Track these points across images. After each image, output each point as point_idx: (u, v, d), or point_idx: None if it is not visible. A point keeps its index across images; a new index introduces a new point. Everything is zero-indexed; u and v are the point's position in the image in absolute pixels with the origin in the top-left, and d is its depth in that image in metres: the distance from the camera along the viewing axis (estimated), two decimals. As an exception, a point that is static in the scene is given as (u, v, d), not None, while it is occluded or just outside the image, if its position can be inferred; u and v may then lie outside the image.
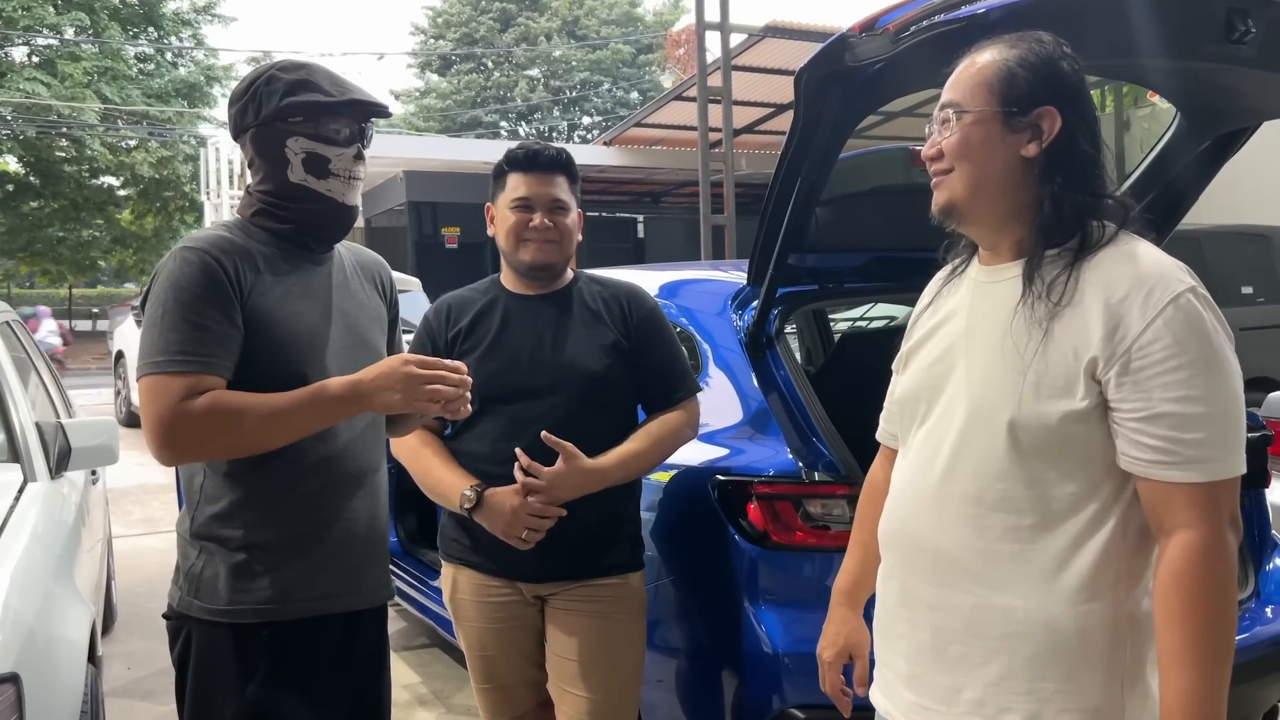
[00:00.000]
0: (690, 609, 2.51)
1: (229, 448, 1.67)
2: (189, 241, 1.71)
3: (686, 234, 14.59)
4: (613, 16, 33.46)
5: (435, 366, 1.71)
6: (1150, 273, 1.34)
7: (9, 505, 2.55)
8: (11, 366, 3.17)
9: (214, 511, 1.73)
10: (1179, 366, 1.29)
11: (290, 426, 1.67)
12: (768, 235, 2.52)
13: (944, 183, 1.47)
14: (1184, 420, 1.29)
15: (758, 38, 10.13)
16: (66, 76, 20.78)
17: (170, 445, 1.63)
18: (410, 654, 4.49)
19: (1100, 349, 1.32)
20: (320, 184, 1.77)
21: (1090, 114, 1.44)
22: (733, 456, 2.51)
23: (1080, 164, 1.41)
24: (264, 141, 1.77)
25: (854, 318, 5.28)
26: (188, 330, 1.63)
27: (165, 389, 1.61)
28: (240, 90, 1.79)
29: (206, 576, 1.72)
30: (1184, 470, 1.29)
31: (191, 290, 1.65)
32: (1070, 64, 1.44)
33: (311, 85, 1.75)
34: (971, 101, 1.44)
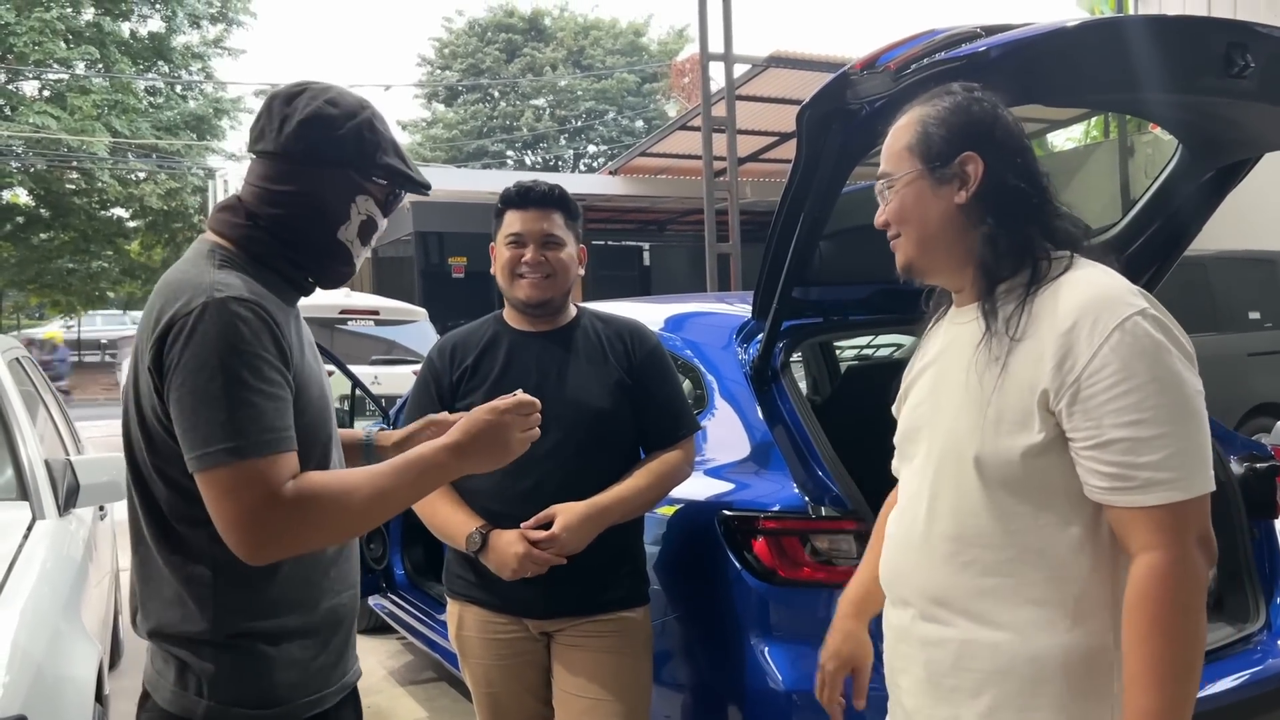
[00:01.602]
0: (697, 645, 2.50)
1: (329, 538, 1.46)
2: (227, 290, 1.41)
3: (692, 262, 14.64)
4: (618, 46, 33.71)
5: (527, 409, 1.56)
6: (1097, 299, 1.35)
7: (17, 544, 2.56)
8: (20, 403, 3.18)
9: (239, 607, 1.47)
10: (1128, 391, 1.30)
11: (391, 506, 1.47)
12: (772, 269, 2.53)
13: (898, 246, 1.55)
14: (1136, 445, 1.29)
15: (761, 68, 10.20)
16: (76, 110, 20.96)
17: (264, 544, 1.37)
18: (417, 688, 4.46)
19: (1050, 380, 1.35)
20: (358, 248, 1.59)
21: (1014, 147, 1.47)
22: (738, 491, 2.51)
23: (1011, 199, 1.44)
24: (335, 186, 1.53)
25: (860, 345, 5.28)
26: (261, 402, 1.37)
27: (250, 479, 1.34)
28: (330, 118, 1.52)
29: (242, 679, 1.48)
30: (1142, 494, 1.29)
31: (255, 353, 1.38)
32: (981, 106, 1.48)
33: (399, 151, 1.60)
34: (898, 168, 1.52)
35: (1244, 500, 2.84)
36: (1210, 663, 2.60)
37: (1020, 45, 1.94)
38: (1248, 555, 2.81)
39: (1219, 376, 7.41)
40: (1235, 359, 7.50)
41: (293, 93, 1.54)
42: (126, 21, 23.92)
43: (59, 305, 28.80)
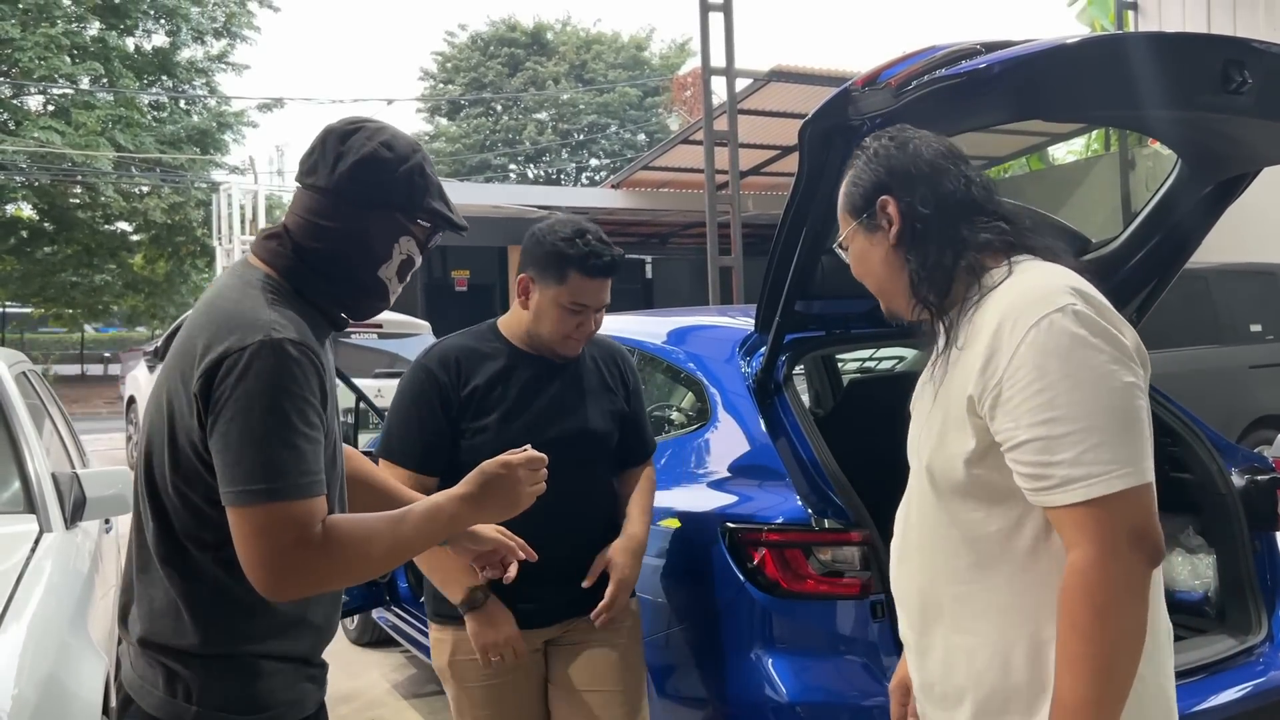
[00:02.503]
0: (701, 657, 2.51)
1: (349, 580, 1.50)
2: (284, 331, 1.43)
3: (694, 274, 14.66)
4: (620, 60, 33.82)
5: (537, 464, 1.59)
6: (1020, 301, 1.38)
7: (25, 557, 2.57)
8: (28, 417, 3.20)
9: (225, 627, 1.50)
10: (1041, 390, 1.30)
11: (407, 552, 1.53)
12: (774, 283, 2.55)
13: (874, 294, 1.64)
14: (1050, 443, 1.30)
15: (763, 82, 10.23)
16: (81, 125, 21.04)
17: (290, 583, 1.40)
18: (421, 700, 4.47)
19: (975, 385, 1.38)
20: (396, 286, 1.62)
21: (921, 175, 1.52)
22: (742, 503, 2.52)
23: (928, 227, 1.50)
24: (381, 227, 1.56)
25: (862, 359, 5.29)
26: (304, 445, 1.40)
27: (283, 519, 1.37)
28: (389, 163, 1.55)
29: (230, 687, 1.51)
30: (1060, 493, 1.30)
31: (302, 396, 1.41)
32: (889, 149, 1.56)
33: (444, 195, 1.63)
34: (843, 230, 1.63)
35: (1245, 512, 2.85)
36: (1212, 675, 2.61)
37: (1021, 62, 1.96)
38: (1249, 567, 2.82)
39: (1221, 389, 7.45)
40: (1237, 371, 7.50)
41: (349, 130, 1.56)
42: (131, 36, 24.03)
43: (62, 319, 28.86)
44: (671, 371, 3.22)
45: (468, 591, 2.17)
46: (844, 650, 2.35)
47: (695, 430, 2.87)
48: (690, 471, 2.81)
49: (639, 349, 3.30)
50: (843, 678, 2.33)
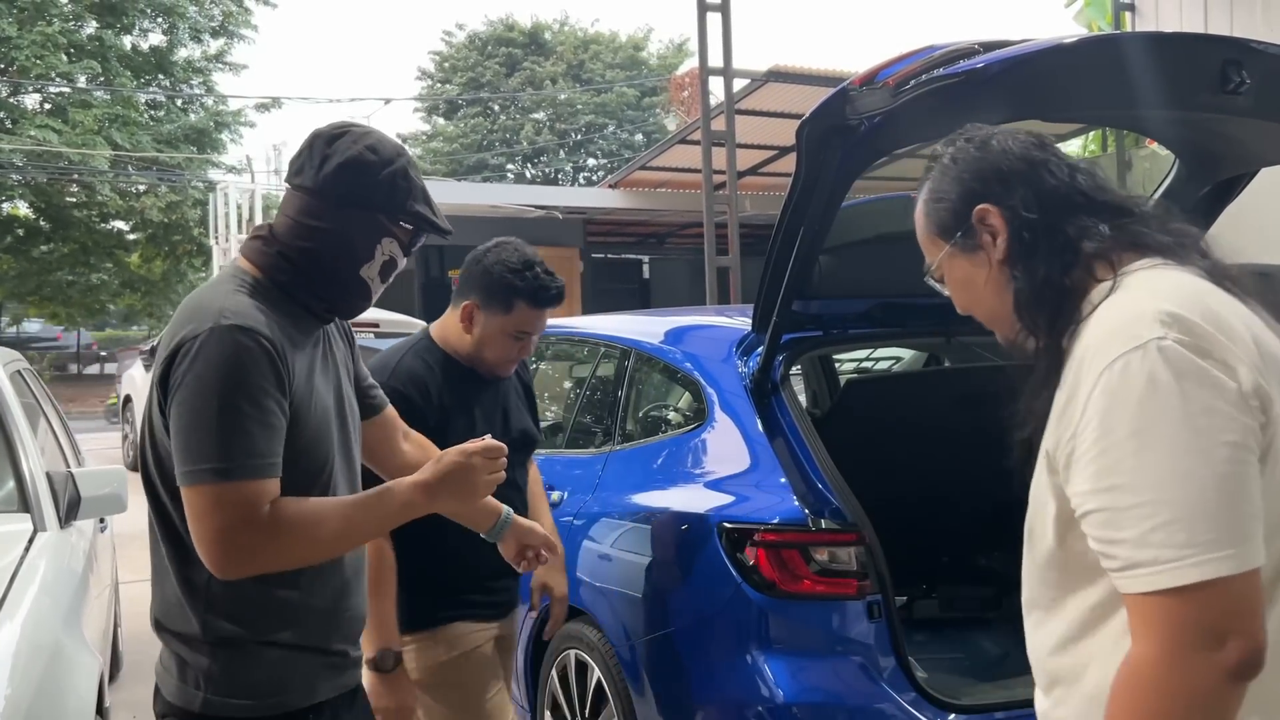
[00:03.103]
0: (697, 658, 2.51)
1: (297, 561, 1.53)
2: (235, 318, 1.49)
3: (691, 275, 14.65)
4: (617, 60, 33.80)
5: (495, 453, 1.62)
6: (1102, 332, 1.15)
7: (19, 556, 2.56)
8: (22, 416, 3.19)
9: (231, 614, 1.55)
10: (1106, 449, 1.08)
11: (359, 535, 1.59)
12: (771, 282, 2.54)
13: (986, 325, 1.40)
14: (1113, 516, 1.07)
15: (760, 82, 10.23)
16: (78, 123, 21.00)
17: (236, 562, 1.45)
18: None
19: (1050, 438, 1.18)
20: (379, 285, 1.67)
21: (1016, 168, 1.29)
22: (738, 504, 2.52)
23: (1037, 234, 1.26)
24: (365, 228, 1.61)
25: (859, 359, 5.29)
26: (252, 428, 1.45)
27: (231, 500, 1.43)
28: (373, 166, 1.60)
29: (236, 672, 1.56)
30: (1123, 578, 1.07)
31: (253, 380, 1.46)
32: (964, 147, 1.35)
33: (428, 198, 1.67)
34: (933, 255, 1.39)
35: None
36: None
37: (1018, 61, 1.96)
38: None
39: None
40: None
41: (335, 134, 1.62)
42: (128, 36, 23.98)
43: (58, 317, 28.83)
44: (668, 371, 3.21)
45: (380, 651, 2.16)
46: (841, 651, 2.34)
47: (692, 430, 2.87)
48: (687, 471, 2.81)
49: (636, 348, 3.29)
50: (839, 678, 2.33)
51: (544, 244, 16.04)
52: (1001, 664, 2.96)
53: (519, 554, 2.02)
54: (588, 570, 2.90)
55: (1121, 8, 8.02)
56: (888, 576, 2.36)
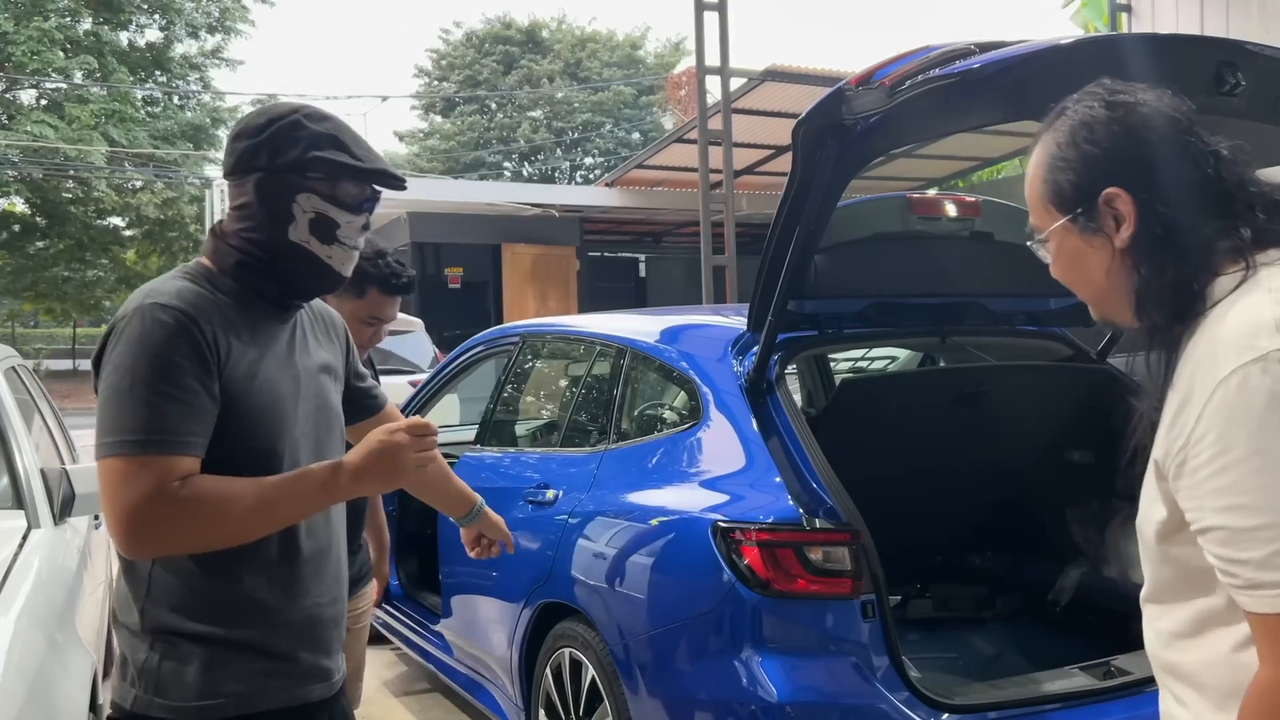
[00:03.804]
0: (691, 657, 2.51)
1: (208, 541, 1.48)
2: (157, 296, 1.49)
3: (688, 273, 14.65)
4: (615, 59, 33.79)
5: (421, 430, 1.56)
6: (1220, 339, 1.08)
7: (12, 553, 2.56)
8: (17, 412, 3.19)
9: (171, 604, 1.52)
10: (1225, 468, 1.04)
11: (276, 518, 1.51)
12: (767, 282, 2.55)
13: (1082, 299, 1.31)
14: (1234, 536, 1.04)
15: (757, 81, 10.23)
16: (74, 119, 20.97)
17: (142, 539, 1.43)
18: (411, 698, 4.46)
19: (1160, 447, 1.12)
20: (322, 249, 1.60)
21: (1160, 152, 1.17)
22: (733, 503, 2.52)
23: (1171, 231, 1.15)
24: (271, 190, 1.57)
25: (855, 358, 5.30)
26: (164, 404, 1.43)
27: (139, 474, 1.41)
28: (256, 127, 1.58)
29: (167, 670, 1.52)
30: (1247, 596, 1.04)
31: (167, 357, 1.44)
32: (1101, 113, 1.20)
33: (339, 143, 1.59)
34: (1041, 222, 1.27)
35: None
36: None
37: (1014, 62, 1.96)
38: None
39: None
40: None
41: (242, 119, 1.64)
42: (125, 31, 23.95)
43: (53, 313, 28.77)
44: (664, 370, 3.21)
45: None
46: (835, 650, 2.35)
47: (687, 429, 2.87)
48: (682, 470, 2.81)
49: (631, 347, 3.29)
50: (833, 678, 2.33)
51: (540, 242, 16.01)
52: (995, 663, 2.97)
53: (475, 541, 2.13)
54: (582, 569, 2.90)
55: (1118, 8, 8.03)
56: (882, 576, 2.37)
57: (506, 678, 3.33)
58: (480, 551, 2.14)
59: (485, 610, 3.51)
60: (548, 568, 3.04)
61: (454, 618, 3.78)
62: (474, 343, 4.37)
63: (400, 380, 8.54)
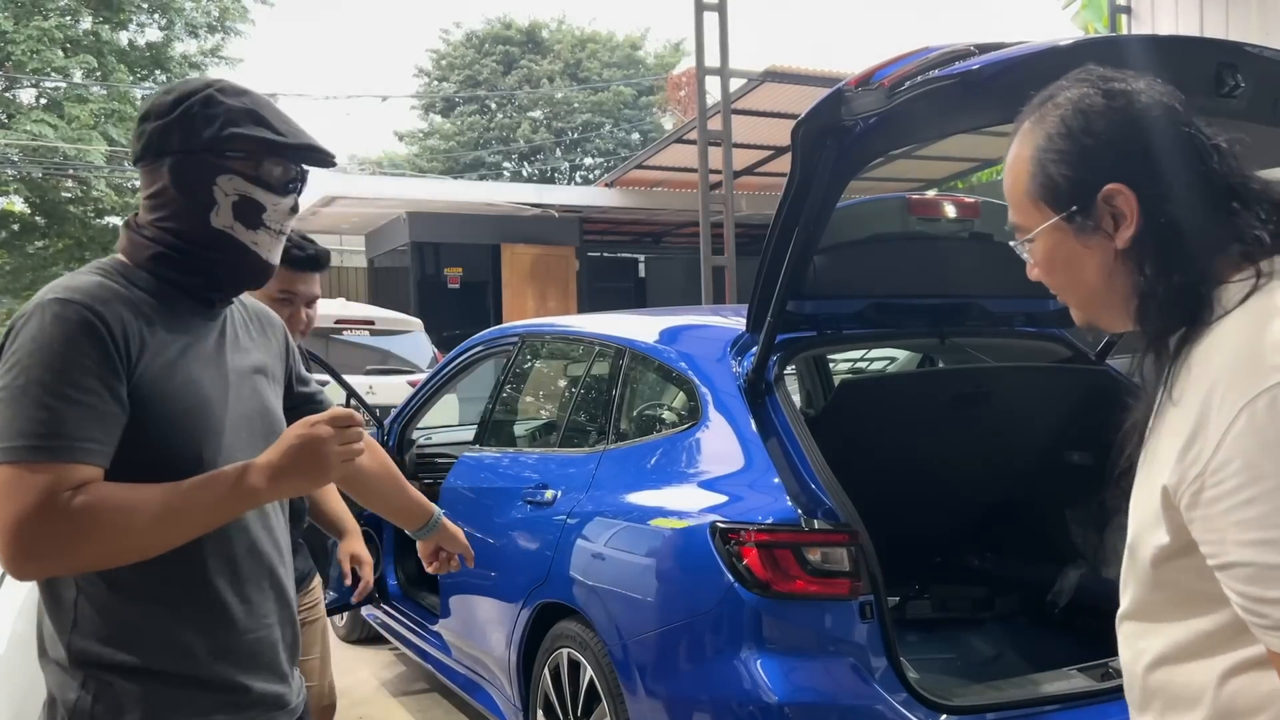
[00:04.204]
0: (689, 657, 2.51)
1: (106, 556, 1.32)
2: (59, 291, 1.35)
3: (687, 274, 14.65)
4: (614, 59, 33.80)
5: (345, 422, 1.39)
6: (1240, 358, 0.99)
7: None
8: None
9: (100, 636, 1.37)
10: (1253, 499, 0.95)
11: (185, 527, 1.34)
12: (766, 282, 2.55)
13: (1066, 302, 1.21)
14: (1264, 573, 0.95)
15: (757, 82, 10.24)
16: (74, 118, 20.97)
17: (32, 556, 1.27)
18: (410, 698, 4.46)
19: (1171, 474, 1.02)
20: (247, 234, 1.46)
21: (1161, 144, 1.09)
22: (732, 503, 2.52)
23: (1175, 229, 1.07)
24: (187, 173, 1.43)
25: (854, 359, 5.30)
26: (60, 406, 1.28)
27: (27, 483, 1.25)
28: (164, 106, 1.44)
29: (100, 711, 1.37)
30: (1275, 637, 0.96)
31: (65, 355, 1.30)
32: (1095, 100, 1.11)
33: (259, 118, 1.45)
34: (1026, 220, 1.17)
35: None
36: None
37: (1013, 64, 1.96)
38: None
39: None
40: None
41: (149, 100, 1.49)
42: (125, 31, 23.95)
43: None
44: (663, 371, 3.21)
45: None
46: (833, 651, 2.35)
47: (686, 430, 2.87)
48: (680, 471, 2.81)
49: (630, 348, 3.29)
50: (832, 678, 2.33)
51: (540, 242, 16.03)
52: (994, 664, 2.97)
53: (433, 554, 2.02)
54: (581, 569, 2.90)
55: (1117, 10, 8.03)
56: (880, 577, 2.37)
57: (505, 678, 3.33)
58: (439, 566, 2.03)
59: (484, 610, 3.51)
60: (546, 568, 3.04)
61: (452, 618, 3.78)
62: (473, 343, 4.37)
63: (399, 380, 8.54)
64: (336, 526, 2.84)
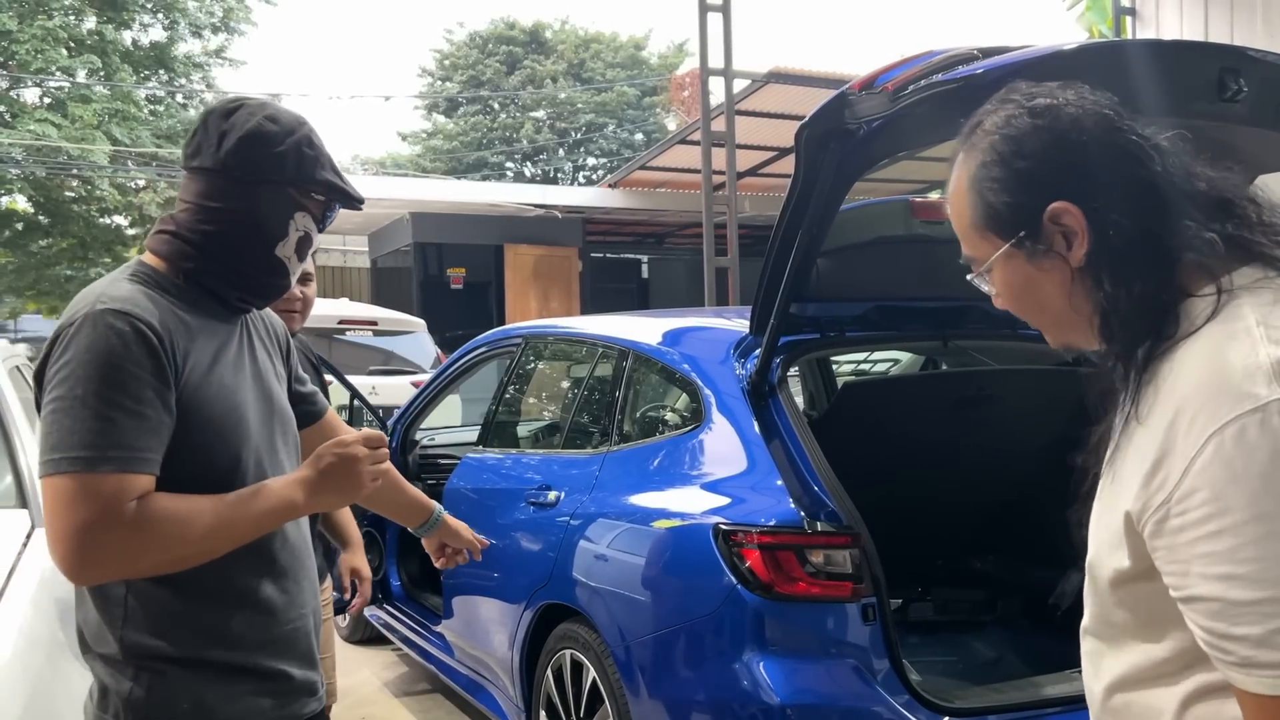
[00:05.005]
0: (692, 659, 2.51)
1: (162, 564, 1.39)
2: (111, 302, 1.38)
3: (690, 275, 14.65)
4: (618, 60, 33.81)
5: (376, 443, 1.51)
6: (1206, 382, 0.95)
7: (17, 552, 2.56)
8: (20, 411, 3.19)
9: (153, 629, 1.44)
10: (1218, 532, 0.91)
11: (234, 537, 1.42)
12: (769, 285, 2.55)
13: (1037, 328, 1.18)
14: (1229, 609, 0.91)
15: (761, 83, 10.24)
16: (77, 118, 21.01)
17: (94, 563, 1.32)
18: (412, 699, 4.46)
19: (1135, 501, 0.99)
20: (294, 264, 1.56)
21: (1104, 154, 1.05)
22: (734, 505, 2.53)
23: (1128, 242, 1.04)
24: (273, 203, 1.51)
25: (856, 361, 5.30)
26: (119, 418, 1.33)
27: (90, 493, 1.30)
28: (274, 135, 1.50)
29: (155, 701, 1.44)
30: (1240, 674, 0.93)
31: (122, 367, 1.34)
32: (1021, 118, 1.09)
33: (334, 166, 1.56)
34: (977, 251, 1.14)
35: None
36: None
37: (1017, 68, 1.96)
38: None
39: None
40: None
41: (230, 108, 1.52)
42: (128, 30, 23.98)
43: (56, 312, 28.83)
44: (666, 372, 3.22)
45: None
46: (835, 653, 2.35)
47: (689, 431, 2.88)
48: (683, 473, 2.81)
49: (634, 349, 3.30)
50: (834, 680, 2.34)
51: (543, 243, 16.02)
52: (995, 667, 2.98)
53: (439, 550, 2.04)
54: (583, 570, 2.90)
55: (1122, 12, 8.03)
56: (883, 579, 2.37)
57: (507, 679, 3.33)
58: (446, 561, 2.05)
59: (486, 611, 3.51)
60: (549, 569, 3.05)
61: (455, 619, 3.79)
62: (476, 344, 4.37)
63: (402, 381, 8.55)
64: (342, 536, 2.91)
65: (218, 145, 1.49)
